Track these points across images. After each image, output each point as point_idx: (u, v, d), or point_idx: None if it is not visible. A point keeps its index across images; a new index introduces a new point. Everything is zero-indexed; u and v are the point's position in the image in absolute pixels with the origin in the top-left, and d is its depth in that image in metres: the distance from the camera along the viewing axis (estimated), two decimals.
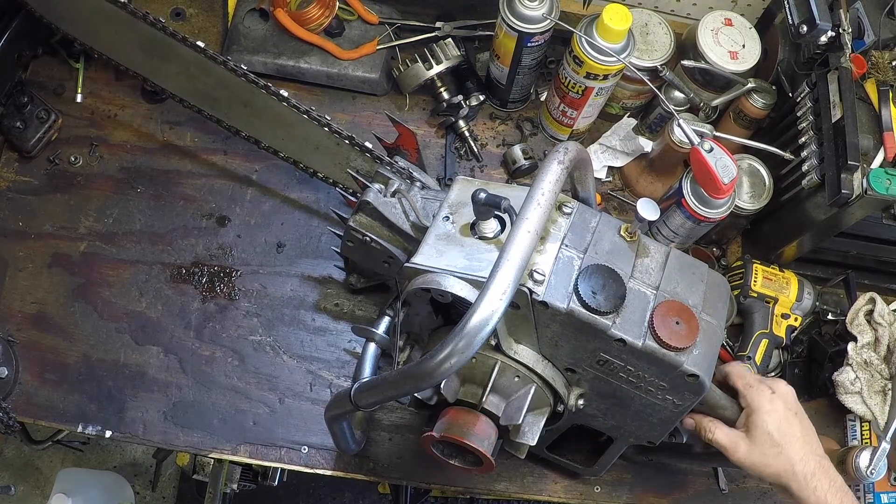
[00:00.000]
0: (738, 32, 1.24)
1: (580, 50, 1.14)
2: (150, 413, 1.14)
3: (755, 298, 1.23)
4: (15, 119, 1.24)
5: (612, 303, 0.78)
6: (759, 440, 0.87)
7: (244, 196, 1.28)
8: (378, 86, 1.35)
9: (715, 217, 1.12)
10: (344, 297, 1.24)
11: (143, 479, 2.21)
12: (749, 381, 0.91)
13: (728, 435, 0.90)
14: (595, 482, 1.17)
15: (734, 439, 0.89)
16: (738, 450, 0.88)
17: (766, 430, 0.87)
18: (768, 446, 0.87)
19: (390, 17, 1.36)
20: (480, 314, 0.69)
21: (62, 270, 1.20)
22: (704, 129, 1.17)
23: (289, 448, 1.14)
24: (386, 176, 1.04)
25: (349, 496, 2.26)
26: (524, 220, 0.73)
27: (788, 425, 0.87)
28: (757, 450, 0.87)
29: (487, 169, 1.35)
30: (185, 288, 1.22)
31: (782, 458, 0.86)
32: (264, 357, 1.19)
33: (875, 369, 1.19)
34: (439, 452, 0.92)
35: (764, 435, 0.87)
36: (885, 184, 1.03)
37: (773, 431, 0.87)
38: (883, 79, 1.09)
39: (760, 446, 0.87)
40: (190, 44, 1.10)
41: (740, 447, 0.88)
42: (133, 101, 1.32)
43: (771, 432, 0.87)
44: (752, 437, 0.88)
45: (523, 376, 0.87)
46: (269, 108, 1.12)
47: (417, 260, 0.84)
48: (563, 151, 0.80)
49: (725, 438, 0.90)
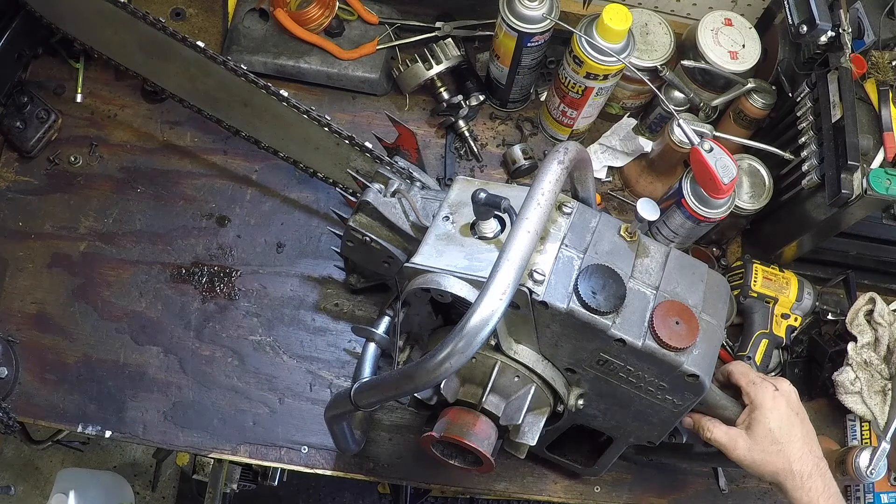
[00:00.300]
0: (738, 32, 1.24)
1: (580, 50, 1.14)
2: (150, 413, 1.14)
3: (755, 298, 1.23)
4: (15, 119, 1.24)
5: (612, 303, 0.78)
6: (759, 437, 0.87)
7: (244, 196, 1.28)
8: (378, 86, 1.35)
9: (715, 217, 1.12)
10: (344, 297, 1.24)
11: (143, 479, 2.21)
12: (752, 378, 0.91)
13: (727, 432, 0.90)
14: (595, 482, 1.17)
15: (733, 436, 0.89)
16: (738, 447, 0.88)
17: (767, 427, 0.87)
18: (769, 443, 0.86)
19: (390, 17, 1.36)
20: (480, 314, 0.69)
21: (62, 270, 1.20)
22: (704, 129, 1.17)
23: (289, 448, 1.14)
24: (386, 176, 1.04)
25: (349, 496, 2.26)
26: (524, 220, 0.73)
27: (790, 424, 0.87)
28: (757, 447, 0.87)
29: (487, 169, 1.35)
30: (185, 288, 1.22)
31: (781, 456, 0.86)
32: (264, 357, 1.19)
33: (875, 369, 1.19)
34: (439, 452, 0.92)
35: (765, 432, 0.87)
36: (885, 184, 1.03)
37: (775, 429, 0.86)
38: (883, 79, 1.09)
39: (761, 443, 0.87)
40: (190, 44, 1.10)
41: (739, 444, 0.88)
42: (133, 101, 1.32)
43: (773, 429, 0.86)
44: (752, 434, 0.88)
45: (523, 376, 0.87)
46: (269, 108, 1.12)
47: (417, 260, 0.84)
48: (563, 151, 0.80)
49: (724, 436, 0.89)
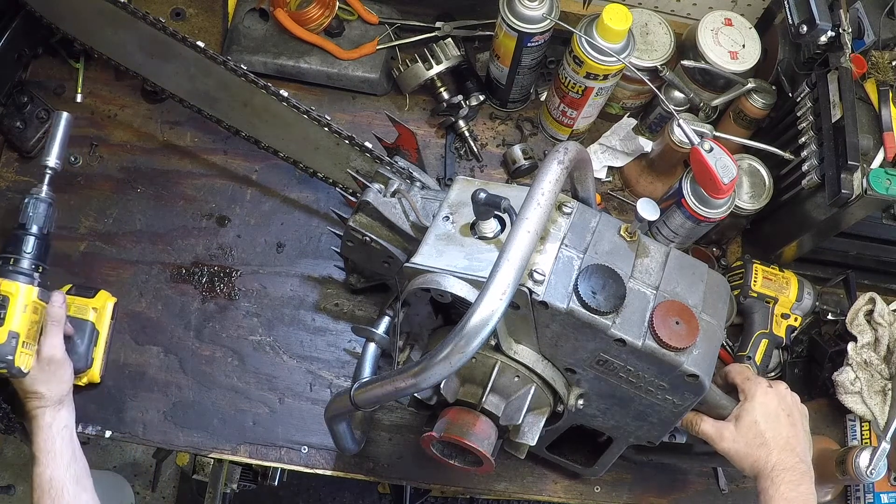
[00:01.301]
0: (738, 32, 1.24)
1: (580, 50, 1.14)
2: (149, 413, 1.14)
3: (755, 298, 1.23)
4: (15, 119, 1.24)
5: (611, 303, 0.78)
6: (744, 428, 0.88)
7: (244, 196, 1.28)
8: (378, 86, 1.35)
9: (715, 217, 1.12)
10: (344, 297, 1.24)
11: (143, 479, 2.21)
12: (748, 375, 0.93)
13: (713, 425, 0.91)
14: (595, 482, 1.17)
15: (719, 428, 0.90)
16: (724, 438, 0.89)
17: (753, 419, 0.87)
18: (752, 436, 0.87)
19: (390, 17, 1.36)
20: (480, 314, 0.69)
21: (62, 270, 1.20)
22: (704, 129, 1.17)
23: (289, 448, 1.14)
24: (386, 176, 1.04)
25: (349, 496, 2.26)
26: (524, 220, 0.73)
27: (776, 421, 0.88)
28: (742, 438, 0.88)
29: (487, 169, 1.35)
30: (185, 288, 1.22)
31: (763, 450, 0.86)
32: (264, 357, 1.19)
33: (875, 369, 1.19)
34: (439, 452, 0.92)
35: (750, 423, 0.87)
36: (885, 184, 1.03)
37: (760, 422, 0.87)
38: (883, 79, 1.09)
39: (745, 435, 0.87)
40: (190, 44, 1.10)
41: (725, 435, 0.89)
42: (133, 101, 1.32)
43: (758, 422, 0.87)
44: (738, 425, 0.88)
45: (523, 376, 0.87)
46: (269, 108, 1.12)
47: (417, 260, 0.84)
48: (563, 151, 0.80)
49: (711, 428, 0.91)
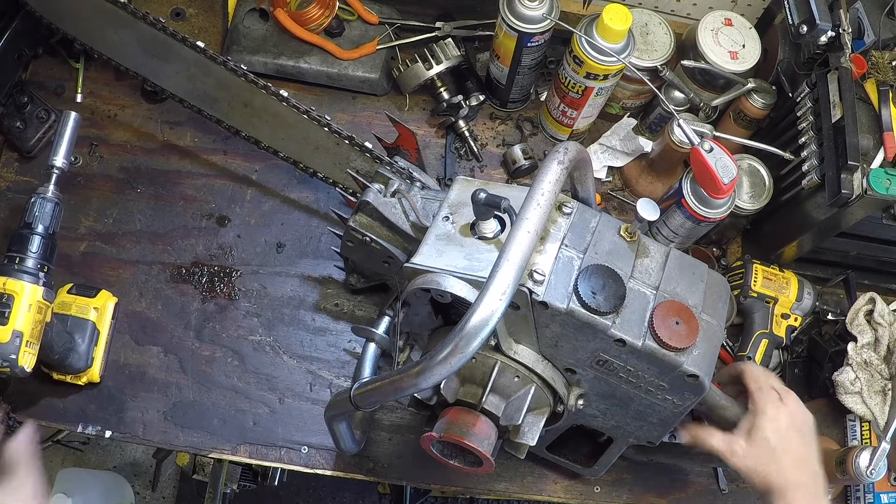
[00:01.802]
0: (738, 32, 1.24)
1: (580, 50, 1.14)
2: (149, 413, 1.14)
3: (755, 298, 1.23)
4: (15, 119, 1.24)
5: (611, 303, 0.78)
6: (756, 443, 0.87)
7: (244, 196, 1.28)
8: (378, 86, 1.35)
9: (715, 217, 1.12)
10: (344, 297, 1.24)
11: (143, 479, 2.21)
12: (762, 384, 0.91)
13: (723, 439, 0.90)
14: (595, 482, 1.17)
15: (729, 443, 0.89)
16: (735, 453, 0.89)
17: (764, 436, 0.87)
18: (763, 452, 0.87)
19: (390, 17, 1.36)
20: (480, 314, 0.69)
21: (62, 270, 1.20)
22: (704, 129, 1.17)
23: (289, 448, 1.14)
24: (386, 176, 1.04)
25: (349, 496, 2.26)
26: (524, 220, 0.73)
27: (787, 438, 0.88)
28: (753, 452, 0.87)
29: (487, 169, 1.35)
30: (185, 288, 1.22)
31: (772, 467, 0.86)
32: (264, 357, 1.19)
33: (875, 369, 1.19)
34: (439, 452, 0.92)
35: (762, 440, 0.87)
36: (885, 184, 1.03)
37: (771, 438, 0.87)
38: (883, 79, 1.09)
39: (757, 450, 0.87)
40: (190, 44, 1.10)
41: (736, 450, 0.89)
42: (133, 101, 1.32)
43: (769, 438, 0.87)
44: (751, 440, 0.88)
45: (523, 376, 0.87)
46: (269, 108, 1.12)
47: (417, 260, 0.84)
48: (563, 151, 0.80)
49: (722, 443, 0.90)
